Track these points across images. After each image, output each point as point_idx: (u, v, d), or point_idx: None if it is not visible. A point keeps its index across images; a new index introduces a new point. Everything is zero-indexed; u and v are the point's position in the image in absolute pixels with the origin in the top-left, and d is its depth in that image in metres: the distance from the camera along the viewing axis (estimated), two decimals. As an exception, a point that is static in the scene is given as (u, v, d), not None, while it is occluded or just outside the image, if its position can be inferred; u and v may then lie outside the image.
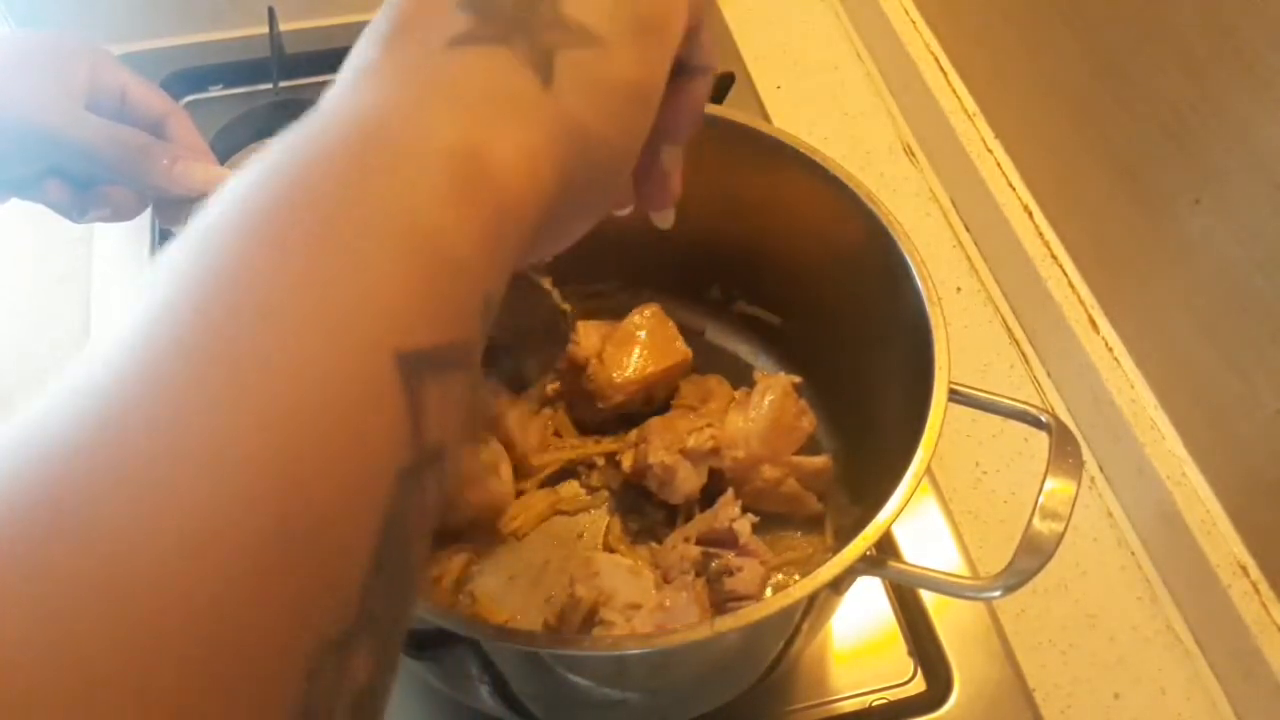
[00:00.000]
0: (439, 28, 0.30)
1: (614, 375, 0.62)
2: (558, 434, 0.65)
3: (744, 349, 0.69)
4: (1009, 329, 0.77)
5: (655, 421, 0.62)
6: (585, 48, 0.31)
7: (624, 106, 0.32)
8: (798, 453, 0.60)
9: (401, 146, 0.26)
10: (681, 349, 0.64)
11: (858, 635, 0.60)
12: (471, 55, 0.29)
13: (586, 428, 0.66)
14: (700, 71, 0.38)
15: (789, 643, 0.51)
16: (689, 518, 0.60)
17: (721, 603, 0.54)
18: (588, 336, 0.63)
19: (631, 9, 0.32)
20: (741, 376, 0.65)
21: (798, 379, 0.61)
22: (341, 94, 0.28)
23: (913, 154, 0.87)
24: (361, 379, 0.21)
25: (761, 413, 0.60)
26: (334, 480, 0.20)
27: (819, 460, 0.60)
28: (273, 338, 0.21)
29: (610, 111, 0.32)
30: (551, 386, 0.65)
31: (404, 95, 0.28)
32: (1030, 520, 0.44)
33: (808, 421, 0.61)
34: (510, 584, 0.60)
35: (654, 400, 0.64)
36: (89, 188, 0.57)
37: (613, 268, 0.66)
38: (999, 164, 0.78)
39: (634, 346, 0.63)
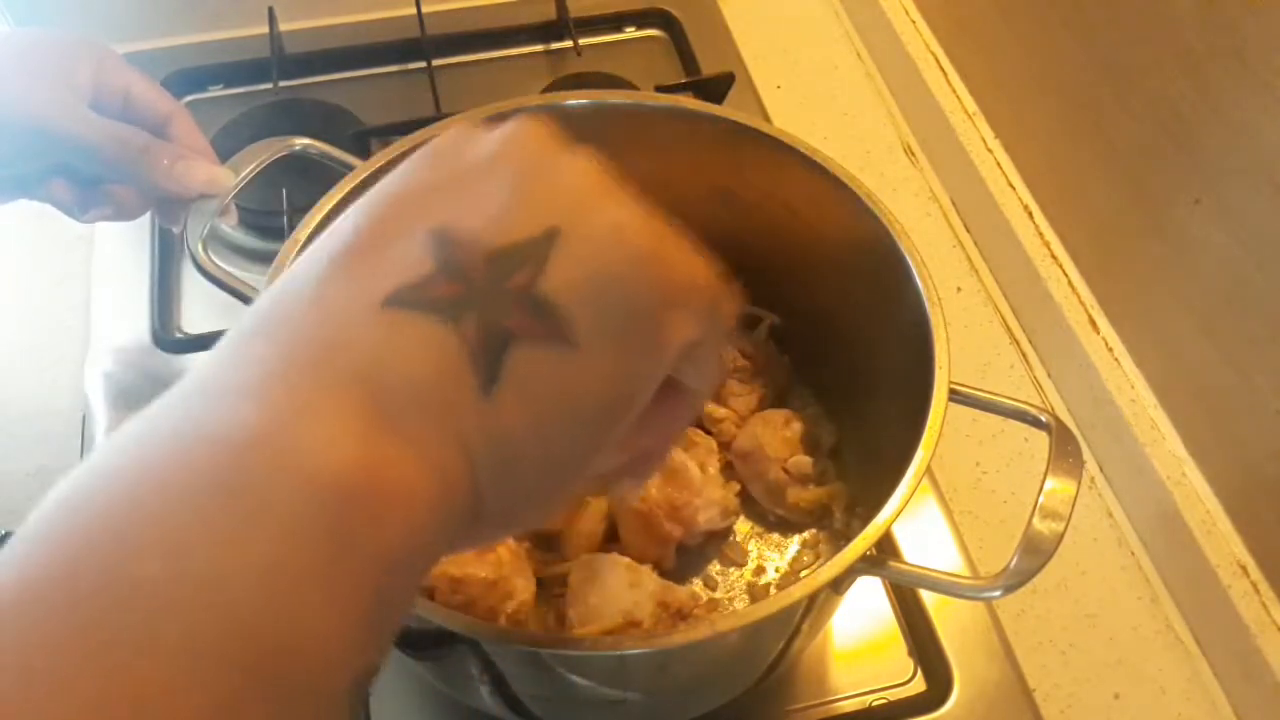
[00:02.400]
0: (390, 265, 0.25)
1: None
2: None
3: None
4: (1009, 329, 0.77)
5: None
6: (551, 344, 0.25)
7: (579, 428, 0.26)
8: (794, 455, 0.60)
9: (268, 481, 0.21)
10: None
11: (858, 635, 0.60)
12: (404, 328, 0.24)
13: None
14: (685, 392, 0.32)
15: (789, 643, 0.51)
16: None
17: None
18: None
19: (626, 306, 0.27)
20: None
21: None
22: (238, 363, 0.24)
23: (913, 154, 0.87)
24: None
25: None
26: None
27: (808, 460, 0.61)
28: None
29: (560, 433, 0.26)
30: None
31: (296, 402, 0.23)
32: (1030, 520, 0.44)
33: (796, 426, 0.61)
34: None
35: None
36: (92, 187, 0.57)
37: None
38: (999, 164, 0.78)
39: None
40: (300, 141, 0.59)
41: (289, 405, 0.23)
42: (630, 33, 0.93)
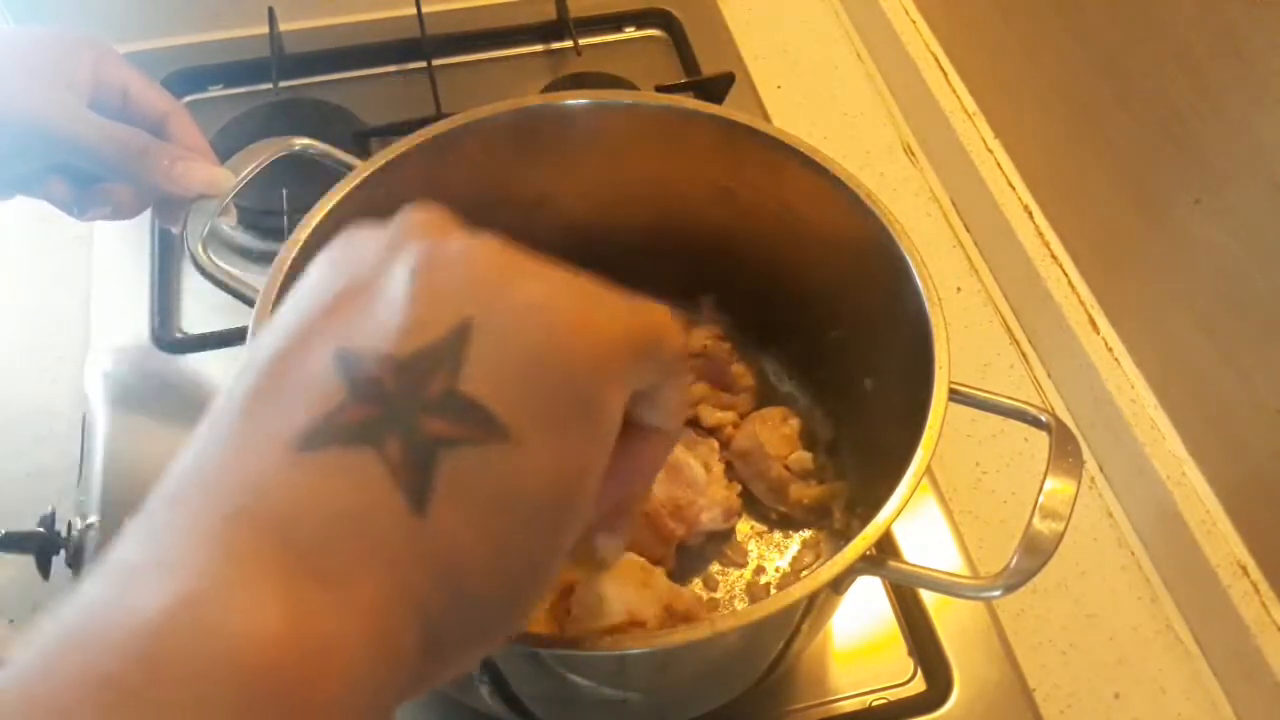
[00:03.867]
0: (298, 402, 0.23)
1: None
2: None
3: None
4: (1009, 329, 0.77)
5: None
6: (481, 444, 0.23)
7: (531, 524, 0.24)
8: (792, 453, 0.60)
9: (195, 662, 0.19)
10: None
11: (858, 635, 0.60)
12: (321, 466, 0.22)
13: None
14: (654, 433, 0.30)
15: (789, 643, 0.51)
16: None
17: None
18: None
19: (553, 383, 0.24)
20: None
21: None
22: (156, 534, 0.22)
23: (913, 154, 0.87)
24: None
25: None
26: None
27: (806, 456, 0.61)
28: None
29: (511, 534, 0.24)
30: None
31: (212, 567, 0.21)
32: (1030, 520, 0.44)
33: (794, 423, 0.61)
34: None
35: None
36: (90, 185, 0.57)
37: (607, 267, 0.66)
38: (999, 164, 0.78)
39: None
40: (300, 141, 0.59)
41: (207, 576, 0.21)
42: (630, 33, 0.93)
